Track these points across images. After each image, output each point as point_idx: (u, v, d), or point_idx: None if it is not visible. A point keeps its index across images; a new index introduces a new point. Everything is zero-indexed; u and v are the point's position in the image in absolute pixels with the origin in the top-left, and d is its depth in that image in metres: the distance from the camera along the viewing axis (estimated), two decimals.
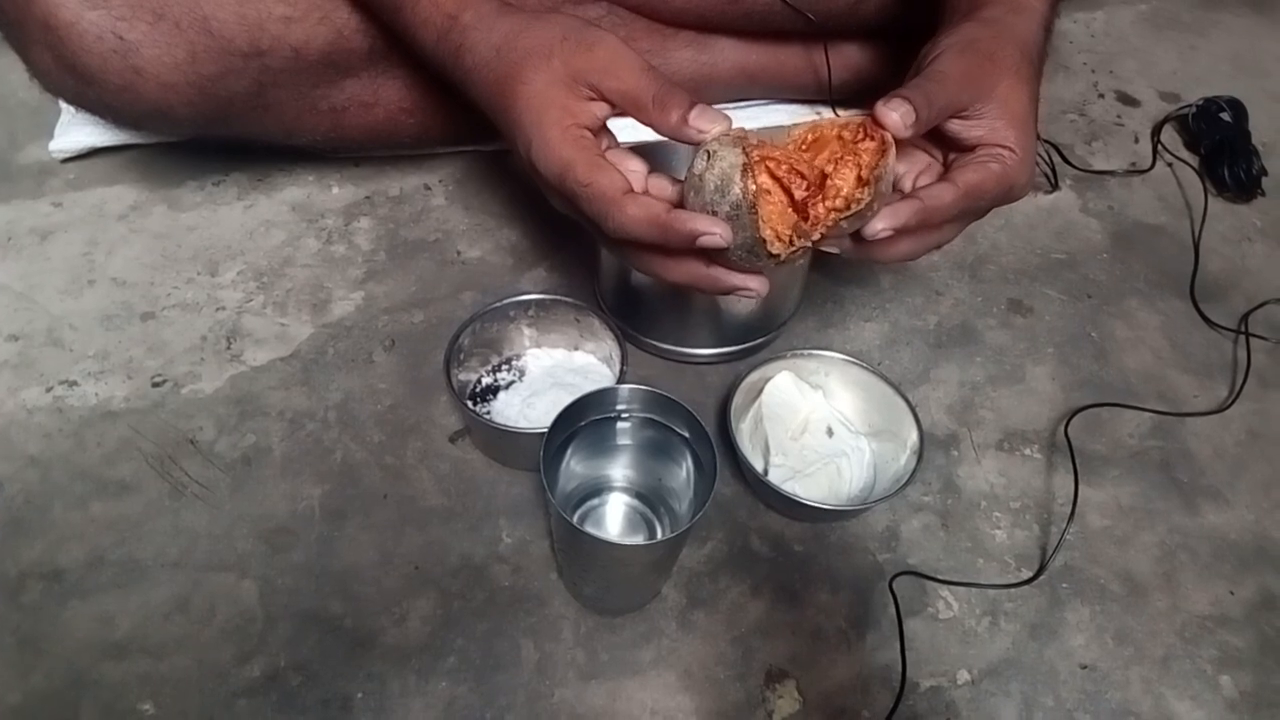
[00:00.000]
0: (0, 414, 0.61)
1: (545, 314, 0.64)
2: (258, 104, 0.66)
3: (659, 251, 0.47)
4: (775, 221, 0.44)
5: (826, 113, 0.83)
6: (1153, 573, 0.59)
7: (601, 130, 0.49)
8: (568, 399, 0.51)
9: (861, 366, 0.62)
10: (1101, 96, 0.98)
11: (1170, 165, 0.89)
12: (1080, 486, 0.61)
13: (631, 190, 0.45)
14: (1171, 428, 0.67)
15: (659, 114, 0.46)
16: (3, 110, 0.84)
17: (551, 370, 0.65)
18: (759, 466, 0.59)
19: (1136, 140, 0.92)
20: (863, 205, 0.44)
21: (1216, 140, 0.88)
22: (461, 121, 0.76)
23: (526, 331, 0.65)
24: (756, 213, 0.43)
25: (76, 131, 0.79)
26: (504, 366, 0.65)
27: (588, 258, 0.74)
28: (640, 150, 0.64)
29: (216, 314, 0.69)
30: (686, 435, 0.53)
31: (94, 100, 0.63)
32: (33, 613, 0.53)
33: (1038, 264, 0.77)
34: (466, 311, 0.64)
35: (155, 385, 0.64)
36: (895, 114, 0.44)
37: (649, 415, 0.54)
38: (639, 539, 0.56)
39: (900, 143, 0.46)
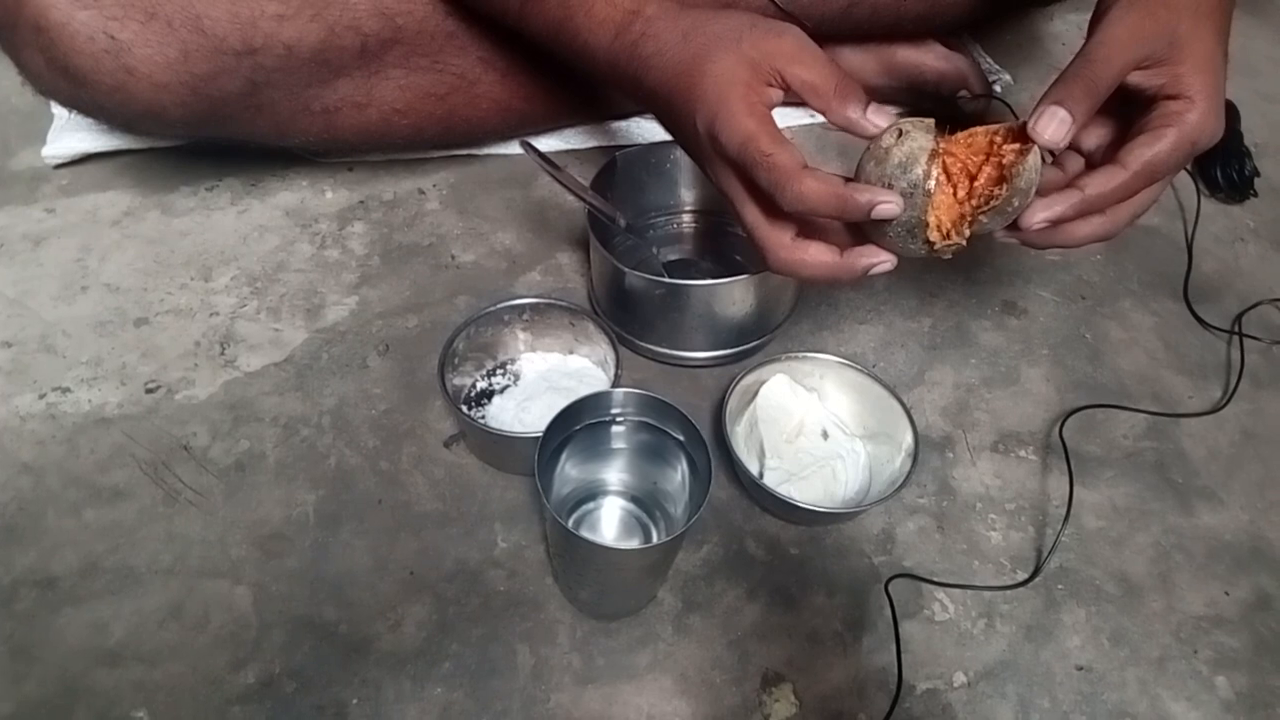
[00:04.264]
0: None
1: (540, 318, 0.64)
2: (251, 104, 0.65)
3: (806, 236, 0.49)
4: (942, 211, 0.46)
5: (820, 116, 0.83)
6: (1148, 574, 0.59)
7: None
8: (562, 403, 0.51)
9: (856, 369, 0.62)
10: None
11: None
12: (1075, 488, 0.61)
13: (808, 166, 0.46)
14: (1166, 429, 0.67)
15: (839, 104, 0.47)
16: None
17: (546, 374, 0.65)
18: (754, 470, 0.59)
19: None
20: (1000, 201, 0.45)
21: None
22: (453, 125, 0.76)
23: (521, 335, 0.65)
24: (930, 197, 0.45)
25: (69, 137, 0.79)
26: (498, 371, 0.65)
27: (582, 262, 0.74)
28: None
29: (210, 319, 0.69)
30: (681, 439, 0.53)
31: (86, 102, 0.62)
32: (26, 620, 0.53)
33: (1031, 265, 0.77)
34: (461, 316, 0.64)
35: (149, 391, 0.64)
36: (1047, 132, 0.45)
37: (644, 419, 0.54)
38: (634, 543, 0.56)
39: None
